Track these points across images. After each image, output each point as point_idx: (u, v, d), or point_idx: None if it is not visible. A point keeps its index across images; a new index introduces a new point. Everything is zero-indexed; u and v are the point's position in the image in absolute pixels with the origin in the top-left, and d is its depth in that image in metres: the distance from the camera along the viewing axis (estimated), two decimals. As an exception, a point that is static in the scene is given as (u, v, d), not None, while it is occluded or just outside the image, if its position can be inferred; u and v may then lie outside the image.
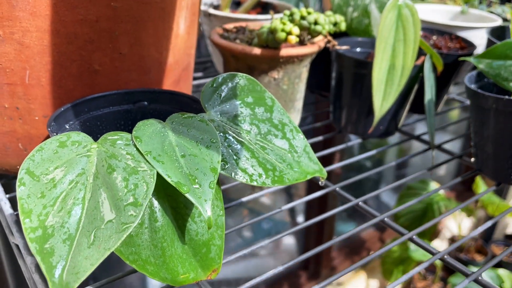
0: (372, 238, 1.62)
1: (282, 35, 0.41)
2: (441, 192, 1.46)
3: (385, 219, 0.40)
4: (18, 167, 0.38)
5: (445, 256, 0.36)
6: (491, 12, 0.80)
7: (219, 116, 0.31)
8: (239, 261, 1.46)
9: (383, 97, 0.47)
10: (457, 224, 1.51)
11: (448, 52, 0.56)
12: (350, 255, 1.53)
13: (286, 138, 0.32)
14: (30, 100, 0.34)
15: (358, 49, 0.54)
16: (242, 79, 0.32)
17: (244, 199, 0.41)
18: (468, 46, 0.57)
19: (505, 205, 1.36)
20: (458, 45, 0.58)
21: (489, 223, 0.40)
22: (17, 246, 0.36)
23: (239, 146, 0.30)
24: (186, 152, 0.27)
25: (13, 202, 0.38)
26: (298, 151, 0.32)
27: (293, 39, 0.41)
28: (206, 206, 0.25)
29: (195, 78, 0.71)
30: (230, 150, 0.30)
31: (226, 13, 0.59)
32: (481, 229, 0.40)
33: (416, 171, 0.47)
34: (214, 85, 0.32)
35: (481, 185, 1.41)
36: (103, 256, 0.21)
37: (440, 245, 1.56)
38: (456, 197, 1.71)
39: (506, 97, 0.40)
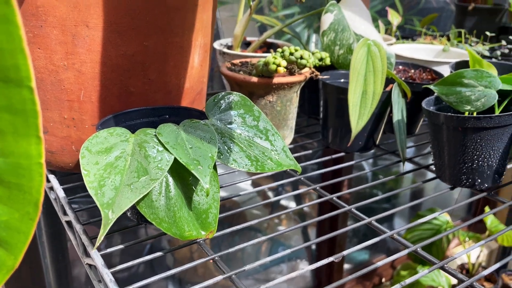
0: (384, 265, 1.67)
1: (273, 66, 0.53)
2: (450, 221, 1.52)
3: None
4: (70, 164, 0.50)
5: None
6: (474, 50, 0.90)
7: (218, 122, 0.43)
8: (255, 285, 1.54)
9: (358, 117, 0.57)
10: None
11: (420, 82, 0.66)
12: (362, 280, 1.59)
13: (269, 140, 0.44)
14: (83, 113, 0.47)
15: (342, 80, 0.65)
16: (236, 96, 0.44)
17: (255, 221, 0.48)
18: (438, 77, 0.68)
19: None
20: (430, 76, 0.69)
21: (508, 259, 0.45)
22: (67, 222, 0.47)
23: (231, 144, 0.41)
24: (193, 145, 0.39)
25: (65, 190, 0.50)
26: (278, 150, 0.43)
27: (281, 69, 0.52)
28: (205, 180, 0.36)
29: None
30: (225, 146, 0.41)
31: (236, 51, 0.72)
32: (498, 264, 0.44)
33: (430, 201, 0.51)
34: (215, 100, 0.44)
35: (489, 216, 1.46)
36: (138, 196, 0.32)
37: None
38: (468, 228, 1.76)
39: (449, 114, 0.51)
